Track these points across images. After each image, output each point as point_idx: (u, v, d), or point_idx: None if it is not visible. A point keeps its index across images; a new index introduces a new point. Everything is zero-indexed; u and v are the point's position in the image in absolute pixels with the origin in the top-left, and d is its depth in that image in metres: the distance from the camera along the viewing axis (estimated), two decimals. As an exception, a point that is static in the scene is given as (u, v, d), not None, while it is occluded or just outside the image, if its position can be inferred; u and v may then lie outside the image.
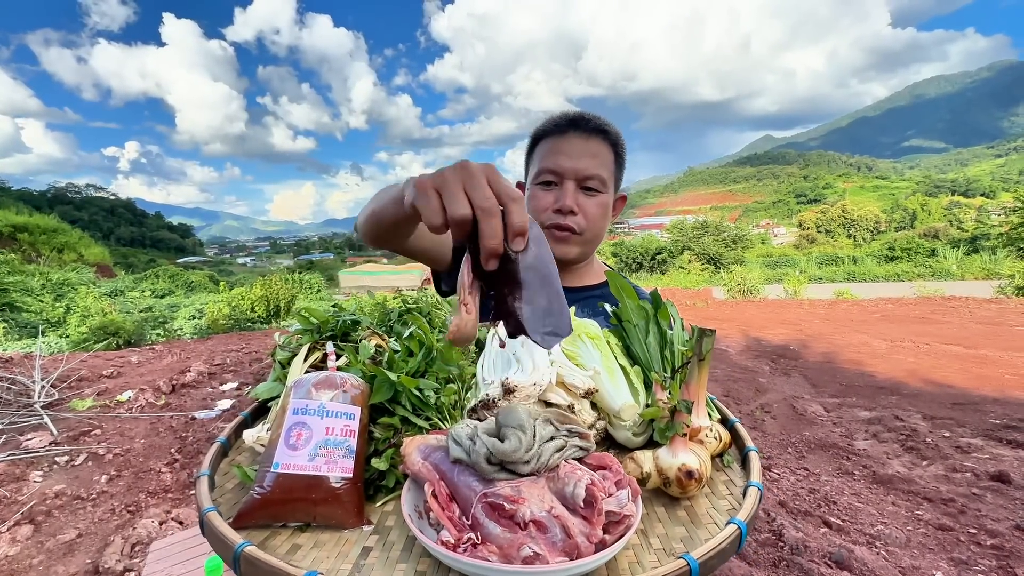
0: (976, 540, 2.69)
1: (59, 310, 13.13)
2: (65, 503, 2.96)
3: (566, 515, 0.46)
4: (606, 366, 0.70)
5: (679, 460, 0.57)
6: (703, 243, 22.12)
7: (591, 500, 0.47)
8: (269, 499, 0.52)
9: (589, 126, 0.93)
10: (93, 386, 5.27)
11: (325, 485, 0.52)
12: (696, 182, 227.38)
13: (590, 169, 0.92)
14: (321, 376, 0.58)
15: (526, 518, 0.45)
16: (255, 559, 0.45)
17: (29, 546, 2.57)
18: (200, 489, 0.56)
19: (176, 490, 3.16)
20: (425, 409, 0.64)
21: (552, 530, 0.45)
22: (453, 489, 0.50)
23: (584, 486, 0.48)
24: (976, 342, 7.48)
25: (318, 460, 0.53)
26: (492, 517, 0.46)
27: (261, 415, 0.77)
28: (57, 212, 39.01)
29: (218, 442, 0.67)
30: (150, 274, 21.04)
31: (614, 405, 0.67)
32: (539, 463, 0.50)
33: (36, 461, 3.38)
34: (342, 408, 0.56)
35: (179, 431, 4.06)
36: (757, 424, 4.72)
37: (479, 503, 0.47)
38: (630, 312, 0.76)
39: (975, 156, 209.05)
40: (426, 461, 0.53)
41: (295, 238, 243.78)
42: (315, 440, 0.54)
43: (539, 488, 0.48)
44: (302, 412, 0.55)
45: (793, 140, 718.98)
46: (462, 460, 0.50)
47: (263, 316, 12.38)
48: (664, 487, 0.58)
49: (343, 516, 0.53)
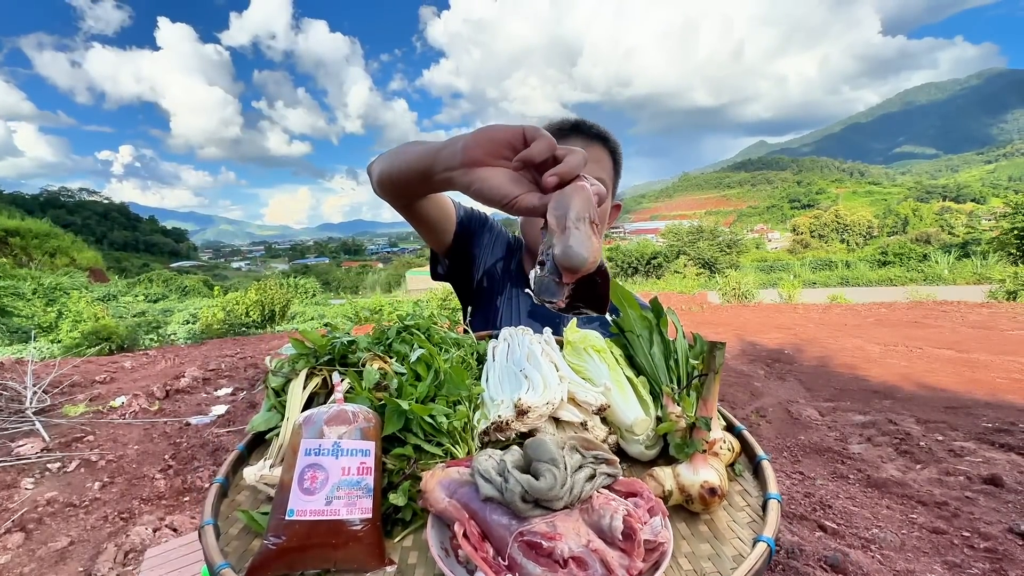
0: (969, 543, 2.72)
1: (51, 315, 13.01)
2: (57, 510, 2.92)
3: (604, 549, 0.45)
4: (615, 380, 0.70)
5: (701, 477, 0.57)
6: (698, 248, 22.24)
7: (629, 533, 0.46)
8: (285, 548, 0.49)
9: (591, 132, 0.95)
10: (86, 392, 5.22)
11: (345, 529, 0.50)
12: (691, 187, 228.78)
13: (593, 173, 0.94)
14: (332, 411, 0.55)
15: (565, 555, 0.44)
16: None
17: (20, 554, 2.54)
18: (207, 541, 0.53)
19: (170, 496, 3.13)
20: (437, 436, 0.61)
21: (592, 566, 0.44)
22: (485, 528, 0.49)
23: (621, 518, 0.47)
24: (968, 346, 7.55)
25: (336, 503, 0.50)
26: (530, 556, 0.45)
27: (257, 445, 0.74)
28: (50, 216, 38.68)
29: (216, 483, 0.63)
30: (144, 279, 20.91)
31: (626, 420, 0.66)
32: (572, 496, 0.48)
33: (27, 468, 3.34)
34: (357, 445, 0.53)
35: (173, 437, 4.02)
36: (752, 428, 4.74)
37: (515, 542, 0.46)
38: (632, 322, 0.75)
39: (965, 162, 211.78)
40: (452, 499, 0.52)
41: (290, 243, 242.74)
42: (331, 482, 0.51)
43: (574, 522, 0.47)
44: (315, 453, 0.52)
45: (787, 146, 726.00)
46: (494, 498, 0.49)
47: (258, 321, 12.31)
48: (686, 504, 0.58)
49: (365, 559, 0.51)
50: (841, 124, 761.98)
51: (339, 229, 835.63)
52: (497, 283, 1.10)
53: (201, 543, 0.54)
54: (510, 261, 1.12)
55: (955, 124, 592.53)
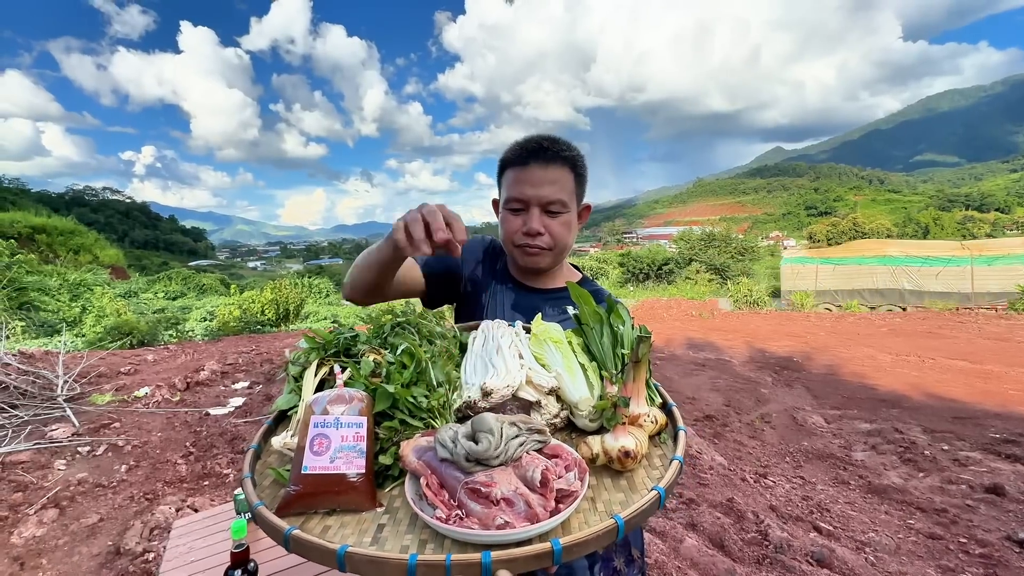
0: (965, 549, 2.75)
1: (75, 310, 13.43)
2: (87, 490, 3.11)
3: (528, 493, 0.61)
4: (567, 366, 0.86)
5: (619, 443, 0.72)
6: (709, 254, 22.07)
7: (545, 481, 0.62)
8: (302, 494, 0.66)
9: (547, 155, 1.07)
10: (112, 382, 5.46)
11: (345, 481, 0.67)
12: (705, 193, 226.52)
13: (551, 195, 1.07)
14: (333, 394, 0.73)
15: (498, 497, 0.60)
16: (301, 539, 0.60)
17: (55, 528, 2.72)
18: (247, 488, 0.71)
19: (191, 480, 3.30)
20: (419, 412, 0.77)
21: (517, 504, 0.60)
22: (442, 479, 0.66)
23: (540, 471, 0.63)
24: (983, 357, 7.46)
25: (337, 461, 0.68)
26: (472, 498, 0.61)
27: (282, 421, 0.91)
28: (74, 214, 39.78)
29: (251, 448, 0.82)
30: (163, 276, 21.40)
31: (573, 398, 0.83)
32: (506, 456, 0.66)
33: (60, 451, 3.55)
34: (352, 420, 0.71)
35: (193, 426, 4.21)
36: (756, 433, 4.77)
37: (462, 489, 0.62)
38: (587, 316, 0.91)
39: (989, 170, 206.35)
40: (420, 460, 0.69)
41: (305, 243, 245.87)
42: (334, 446, 0.68)
43: (507, 475, 0.64)
44: (321, 426, 0.70)
45: (804, 152, 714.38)
46: (447, 459, 0.66)
47: (273, 319, 12.58)
48: (609, 464, 0.73)
49: (360, 502, 0.68)
50: (860, 131, 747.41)
51: (353, 230, 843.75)
52: (480, 283, 1.23)
53: (243, 490, 0.71)
54: (495, 262, 1.25)
55: (979, 132, 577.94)
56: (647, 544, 2.35)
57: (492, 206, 1.22)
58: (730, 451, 4.25)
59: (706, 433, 4.60)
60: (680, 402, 5.50)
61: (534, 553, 0.56)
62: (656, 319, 12.81)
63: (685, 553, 2.36)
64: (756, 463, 4.05)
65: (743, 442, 4.50)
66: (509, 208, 1.11)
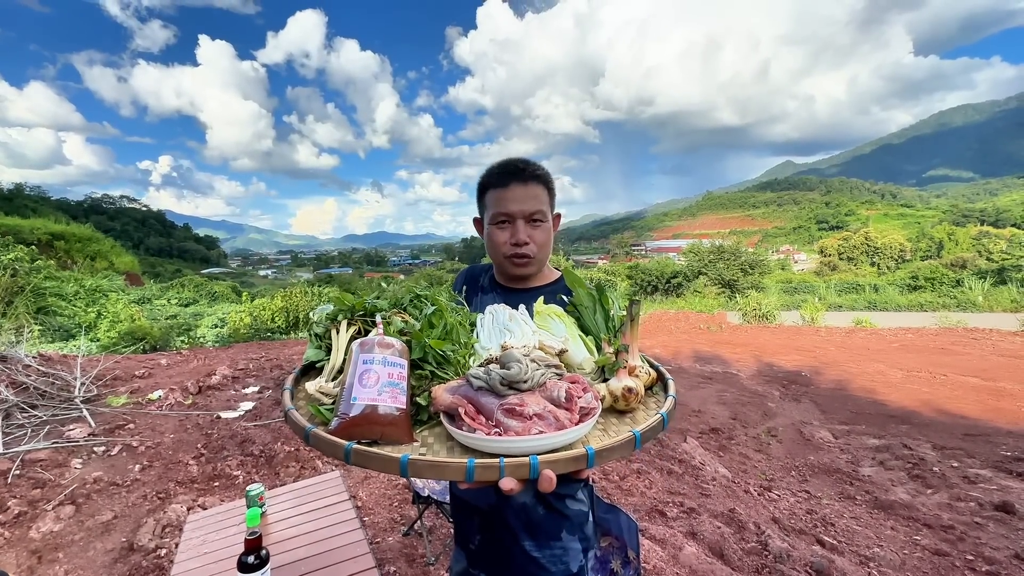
0: (972, 566, 2.72)
1: (91, 315, 13.71)
2: (103, 488, 3.19)
3: (555, 409, 0.74)
4: (571, 333, 1.00)
5: (623, 384, 0.85)
6: (718, 267, 21.95)
7: (570, 397, 0.75)
8: (352, 422, 0.73)
9: (524, 175, 1.20)
10: (127, 385, 5.59)
11: (388, 414, 0.74)
12: (714, 206, 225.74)
13: (533, 207, 1.20)
14: (379, 339, 0.83)
15: (530, 413, 0.72)
16: (362, 451, 0.69)
17: (71, 524, 2.80)
18: (296, 417, 0.79)
19: (202, 481, 3.37)
20: (446, 365, 0.88)
21: (548, 418, 0.72)
22: (478, 406, 0.75)
23: (564, 390, 0.76)
24: (995, 374, 7.34)
25: (383, 395, 0.75)
26: (509, 416, 0.72)
27: (307, 373, 1.01)
28: (92, 222, 40.66)
29: (286, 389, 0.91)
30: (176, 283, 21.77)
31: (577, 359, 0.96)
32: (533, 382, 0.77)
33: (76, 450, 3.65)
34: (396, 359, 0.80)
35: (205, 428, 4.30)
36: (762, 447, 4.74)
37: (499, 410, 0.73)
38: (582, 298, 1.05)
39: (1005, 186, 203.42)
40: (454, 396, 0.78)
41: (316, 252, 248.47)
42: (382, 381, 0.76)
43: (535, 397, 0.76)
44: (370, 363, 0.78)
45: (815, 166, 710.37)
46: (483, 387, 0.76)
47: (283, 327, 12.73)
48: (614, 404, 0.85)
49: (400, 436, 0.76)
50: (872, 145, 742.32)
51: (363, 240, 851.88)
52: (471, 302, 1.33)
53: (288, 422, 0.80)
54: (478, 280, 1.37)
55: (994, 147, 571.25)
56: (646, 551, 2.36)
57: (474, 224, 1.33)
58: (735, 464, 4.23)
59: (711, 445, 4.58)
60: (686, 415, 5.49)
61: (572, 456, 0.67)
62: (664, 332, 12.76)
63: (684, 561, 2.37)
64: (761, 476, 4.03)
65: (748, 455, 4.48)
66: (496, 223, 1.22)
